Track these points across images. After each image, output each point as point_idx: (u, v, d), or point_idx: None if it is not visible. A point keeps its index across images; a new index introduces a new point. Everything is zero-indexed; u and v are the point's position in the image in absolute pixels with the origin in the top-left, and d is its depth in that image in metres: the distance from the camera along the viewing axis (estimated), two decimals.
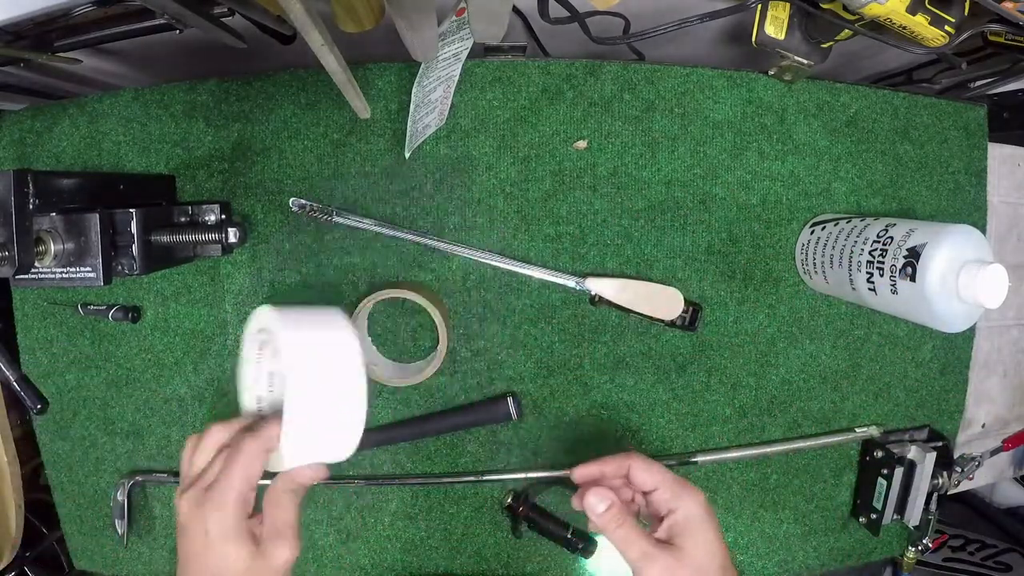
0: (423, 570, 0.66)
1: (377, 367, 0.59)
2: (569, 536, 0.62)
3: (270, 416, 0.40)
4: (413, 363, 0.62)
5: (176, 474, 0.63)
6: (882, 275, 0.50)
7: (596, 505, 0.41)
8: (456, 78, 0.54)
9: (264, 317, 0.40)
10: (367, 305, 0.57)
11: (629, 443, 0.64)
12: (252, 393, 0.43)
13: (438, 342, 0.57)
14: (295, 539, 0.38)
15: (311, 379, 0.37)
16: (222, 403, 0.63)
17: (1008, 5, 0.43)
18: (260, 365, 0.43)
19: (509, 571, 0.65)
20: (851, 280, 0.54)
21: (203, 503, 0.37)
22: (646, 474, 0.42)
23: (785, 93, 0.62)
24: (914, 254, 0.48)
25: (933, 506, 0.64)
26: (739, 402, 0.65)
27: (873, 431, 0.65)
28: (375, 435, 0.63)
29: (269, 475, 0.40)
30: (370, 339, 0.62)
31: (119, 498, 0.64)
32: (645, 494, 0.43)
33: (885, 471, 0.63)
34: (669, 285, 0.60)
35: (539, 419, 0.63)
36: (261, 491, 0.39)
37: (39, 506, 0.74)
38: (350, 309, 0.61)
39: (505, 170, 0.61)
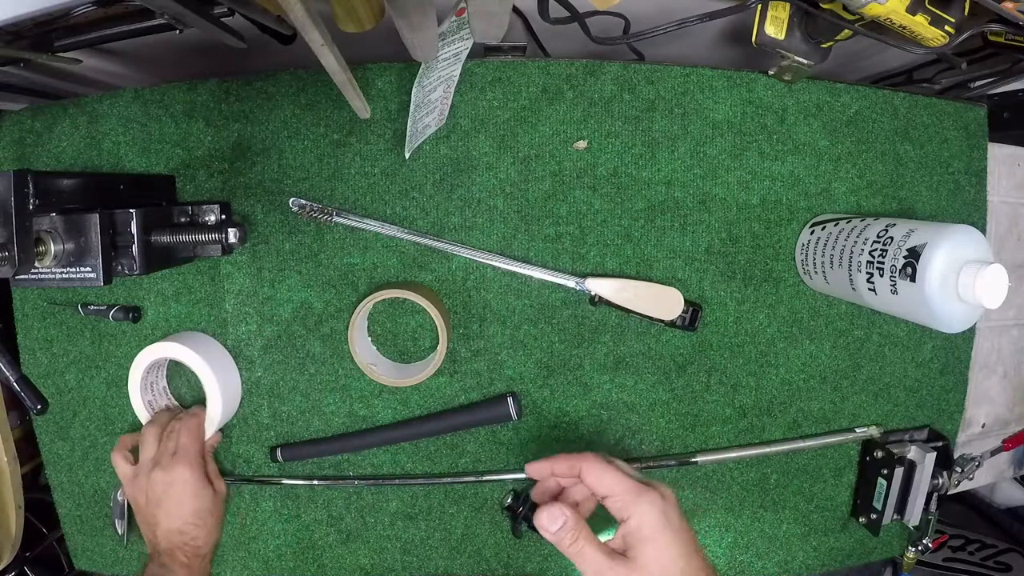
0: (423, 570, 0.66)
1: (377, 367, 0.59)
2: None
3: (193, 406, 0.62)
4: (413, 364, 0.62)
5: None
6: (882, 275, 0.50)
7: (549, 525, 0.41)
8: (456, 78, 0.54)
9: (161, 348, 0.58)
10: (367, 305, 0.57)
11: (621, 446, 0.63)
12: (144, 403, 0.61)
13: (438, 342, 0.57)
14: (222, 479, 0.62)
15: (218, 375, 0.59)
16: None
17: (1008, 5, 0.43)
18: (154, 383, 0.62)
19: (509, 571, 0.65)
20: (851, 280, 0.54)
21: (174, 465, 0.56)
22: (597, 480, 0.41)
23: (785, 93, 0.62)
24: (914, 254, 0.48)
25: (933, 506, 0.64)
26: (739, 402, 0.65)
27: (873, 431, 0.65)
28: (375, 435, 0.63)
29: None
30: (370, 339, 0.62)
31: (119, 498, 0.64)
32: (599, 499, 0.42)
33: (885, 471, 0.63)
34: (669, 285, 0.60)
35: (539, 419, 0.63)
36: None
37: (39, 506, 0.74)
38: (350, 309, 0.61)
39: (505, 170, 0.61)
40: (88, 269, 0.47)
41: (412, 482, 0.64)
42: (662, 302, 0.60)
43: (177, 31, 0.51)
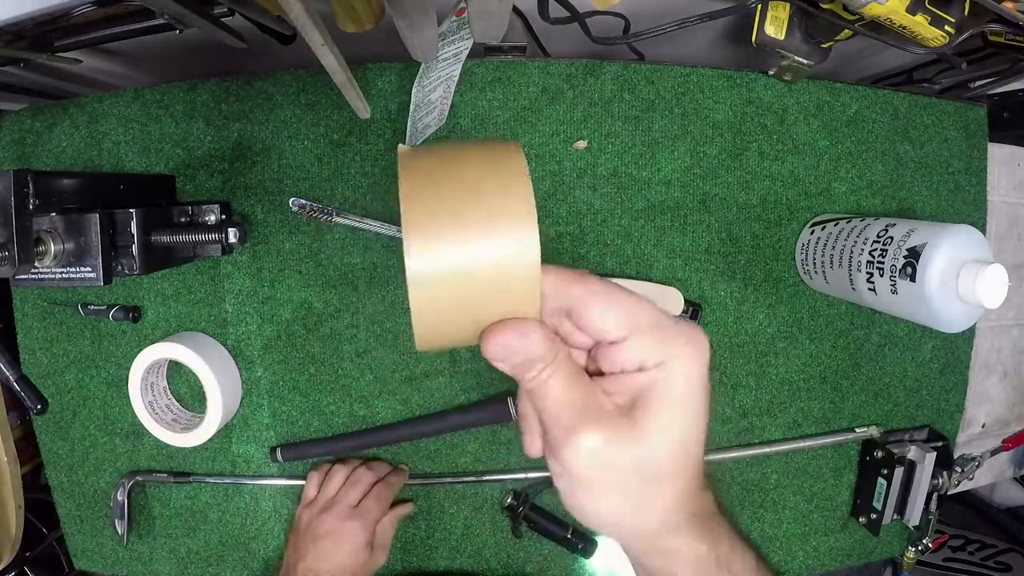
0: (423, 570, 0.66)
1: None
2: (569, 536, 0.62)
3: (393, 470, 0.63)
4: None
5: (177, 474, 0.64)
6: (882, 275, 0.50)
7: (511, 351, 0.25)
8: (456, 78, 0.54)
9: (161, 348, 0.59)
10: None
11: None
12: (145, 404, 0.61)
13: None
14: (387, 552, 0.61)
15: (218, 376, 0.59)
16: None
17: (1008, 5, 0.43)
18: (154, 383, 0.62)
19: (509, 571, 0.65)
20: (851, 280, 0.54)
21: (349, 518, 0.58)
22: (606, 309, 0.25)
23: (785, 93, 0.62)
24: (914, 254, 0.48)
25: (933, 506, 0.64)
26: (739, 402, 0.65)
27: (873, 431, 0.65)
28: (375, 435, 0.63)
29: None
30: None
31: (119, 498, 0.64)
32: (602, 346, 0.26)
33: (885, 471, 0.63)
34: (669, 285, 0.60)
35: None
36: None
37: (39, 506, 0.74)
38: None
39: None
40: (88, 269, 0.47)
41: (413, 482, 0.64)
42: (662, 302, 0.60)
43: (177, 31, 0.51)
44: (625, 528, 0.27)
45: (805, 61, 0.56)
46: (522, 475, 0.63)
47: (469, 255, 0.23)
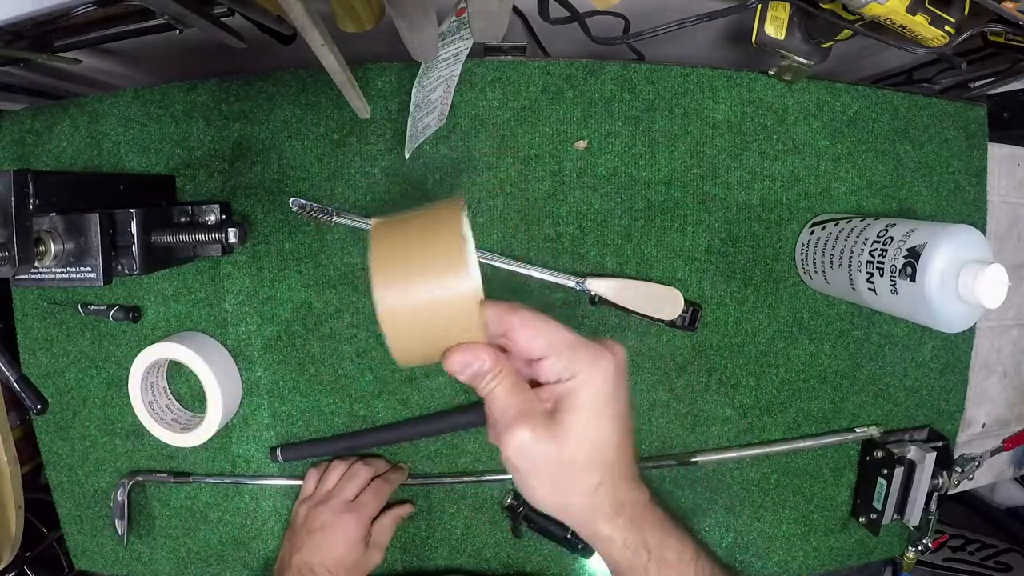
0: (423, 570, 0.66)
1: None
2: (569, 536, 0.62)
3: (392, 468, 0.63)
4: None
5: (177, 474, 0.64)
6: (882, 275, 0.50)
7: (466, 366, 0.32)
8: (456, 78, 0.54)
9: (161, 348, 0.59)
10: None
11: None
12: (145, 404, 0.61)
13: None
14: (383, 551, 0.60)
15: (218, 376, 0.59)
16: None
17: (1008, 5, 0.43)
18: (154, 383, 0.62)
19: (509, 571, 0.65)
20: (851, 280, 0.54)
21: (345, 511, 0.57)
22: (532, 335, 0.32)
23: (785, 93, 0.62)
24: (914, 254, 0.48)
25: (933, 506, 0.64)
26: (739, 402, 0.65)
27: (873, 431, 0.65)
28: (375, 435, 0.63)
29: None
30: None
31: (119, 498, 0.64)
32: (531, 362, 0.33)
33: (885, 471, 0.63)
34: (669, 285, 0.60)
35: None
36: None
37: (39, 506, 0.74)
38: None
39: (505, 170, 0.61)
40: (88, 269, 0.47)
41: (412, 482, 0.64)
42: (662, 302, 0.60)
43: (177, 31, 0.51)
44: (560, 512, 0.34)
45: (805, 61, 0.56)
46: None
47: (422, 299, 0.30)
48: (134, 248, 0.50)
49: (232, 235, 0.54)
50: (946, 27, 0.47)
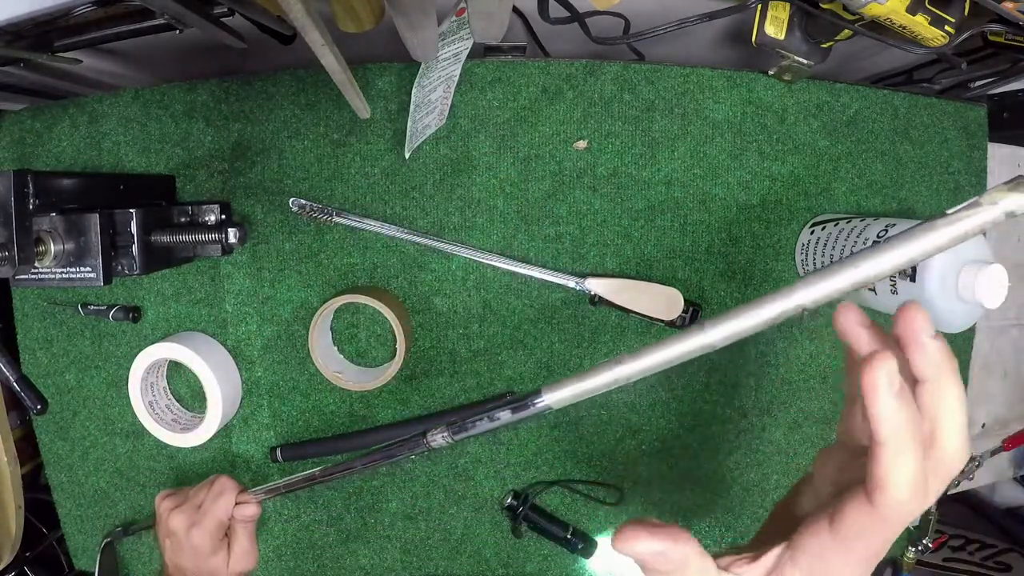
0: (423, 570, 0.66)
1: (343, 374, 0.60)
2: (569, 536, 0.62)
3: (253, 494, 0.54)
4: (374, 368, 0.62)
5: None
6: None
7: (628, 547, 0.26)
8: (456, 78, 0.54)
9: (161, 348, 0.59)
10: (326, 311, 0.57)
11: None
12: (145, 404, 0.61)
13: (396, 346, 0.58)
14: (247, 555, 0.54)
15: (218, 376, 0.59)
16: None
17: (1008, 5, 0.43)
18: (154, 384, 0.62)
19: (509, 571, 0.65)
20: None
21: (199, 520, 0.52)
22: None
23: (785, 93, 0.62)
24: None
25: (933, 506, 0.64)
26: (739, 402, 0.65)
27: None
28: (375, 435, 0.63)
29: None
30: (333, 345, 0.62)
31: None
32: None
33: None
34: (669, 285, 0.60)
35: (538, 419, 0.63)
36: None
37: (39, 506, 0.74)
38: (310, 315, 0.61)
39: (505, 170, 0.61)
40: (88, 269, 0.47)
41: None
42: (662, 302, 0.60)
43: (177, 31, 0.51)
44: None
45: (805, 61, 0.56)
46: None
47: None
48: (134, 248, 0.50)
49: (232, 235, 0.54)
50: (946, 27, 0.47)
